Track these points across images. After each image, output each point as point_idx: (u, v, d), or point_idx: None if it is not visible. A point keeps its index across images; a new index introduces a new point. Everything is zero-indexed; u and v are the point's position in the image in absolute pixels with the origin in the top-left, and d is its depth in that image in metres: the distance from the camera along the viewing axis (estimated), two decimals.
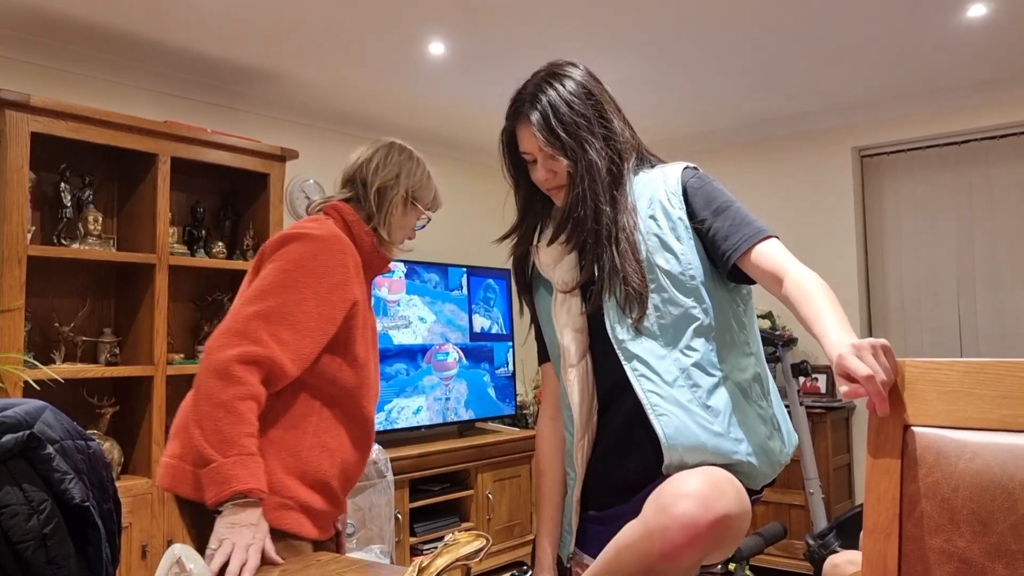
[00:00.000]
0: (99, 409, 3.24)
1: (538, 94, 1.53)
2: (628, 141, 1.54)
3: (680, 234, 1.43)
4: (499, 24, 3.29)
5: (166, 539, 3.18)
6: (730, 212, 1.43)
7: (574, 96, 1.51)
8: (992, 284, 4.28)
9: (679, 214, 1.44)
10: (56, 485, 1.24)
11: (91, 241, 3.26)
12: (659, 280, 1.42)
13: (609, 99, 1.57)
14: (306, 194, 4.34)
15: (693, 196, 1.46)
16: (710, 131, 5.01)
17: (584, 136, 1.47)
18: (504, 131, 1.58)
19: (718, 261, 1.43)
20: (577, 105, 1.50)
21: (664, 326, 1.41)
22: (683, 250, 1.42)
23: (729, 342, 1.44)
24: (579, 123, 1.48)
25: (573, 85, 1.53)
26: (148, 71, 3.68)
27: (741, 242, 1.39)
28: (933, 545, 1.05)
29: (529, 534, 4.53)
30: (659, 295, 1.41)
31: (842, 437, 4.49)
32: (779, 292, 1.34)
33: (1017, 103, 4.13)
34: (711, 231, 1.42)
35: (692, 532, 1.15)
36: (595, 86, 1.56)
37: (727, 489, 1.22)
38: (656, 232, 1.44)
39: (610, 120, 1.52)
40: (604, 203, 1.46)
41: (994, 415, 1.04)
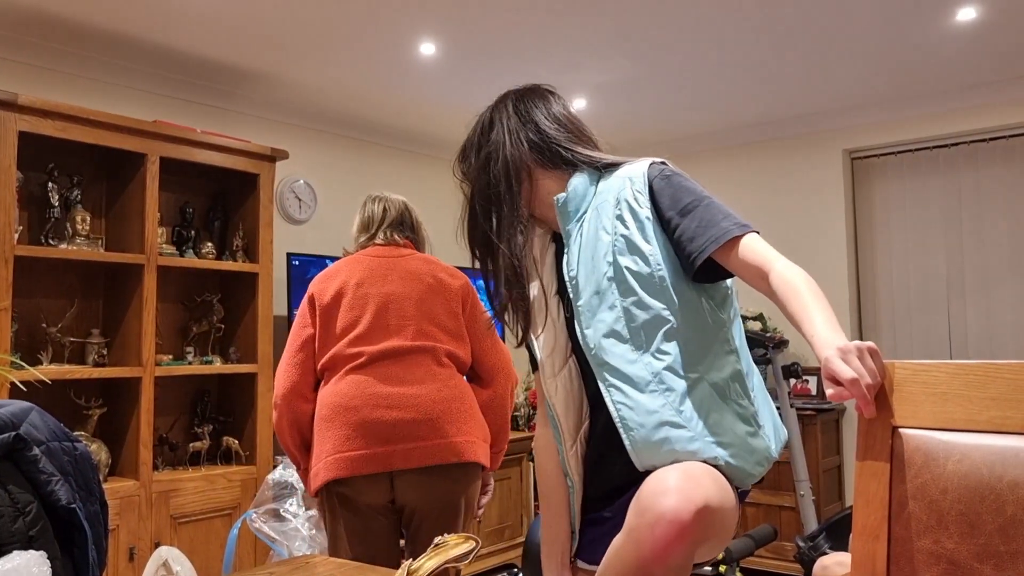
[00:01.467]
0: (86, 410, 3.22)
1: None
2: (523, 155, 1.55)
3: (648, 234, 1.40)
4: (490, 25, 3.28)
5: (153, 541, 3.16)
6: (697, 212, 1.38)
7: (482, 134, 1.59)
8: (981, 286, 4.30)
9: (647, 213, 1.41)
10: (42, 487, 1.23)
11: (79, 241, 3.24)
12: (628, 283, 1.39)
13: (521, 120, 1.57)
14: (297, 195, 4.33)
15: (659, 195, 1.42)
16: (702, 133, 5.03)
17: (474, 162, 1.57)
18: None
19: (683, 264, 1.39)
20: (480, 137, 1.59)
21: (634, 329, 1.38)
22: (652, 251, 1.39)
23: (704, 342, 1.40)
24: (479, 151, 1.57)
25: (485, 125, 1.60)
26: (137, 70, 3.67)
27: (707, 244, 1.34)
28: (922, 547, 1.05)
29: (520, 536, 4.52)
30: (628, 298, 1.39)
31: (832, 439, 4.50)
32: (764, 287, 1.31)
33: (1006, 106, 4.15)
34: (678, 233, 1.38)
35: (678, 526, 1.15)
36: (505, 112, 1.59)
37: (704, 479, 1.22)
38: (624, 233, 1.41)
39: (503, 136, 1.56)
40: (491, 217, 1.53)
41: (982, 417, 1.04)
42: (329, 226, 4.52)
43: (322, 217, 4.49)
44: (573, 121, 1.58)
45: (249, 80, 3.89)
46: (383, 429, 2.07)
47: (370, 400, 2.09)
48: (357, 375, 2.13)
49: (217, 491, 3.41)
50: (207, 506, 3.37)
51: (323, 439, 2.12)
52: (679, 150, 5.17)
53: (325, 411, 2.13)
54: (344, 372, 2.15)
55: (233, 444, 3.60)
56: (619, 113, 4.55)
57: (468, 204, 1.56)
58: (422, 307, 2.22)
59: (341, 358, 2.17)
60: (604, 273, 1.41)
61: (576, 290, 1.45)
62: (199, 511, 3.34)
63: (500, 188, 1.50)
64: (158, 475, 3.31)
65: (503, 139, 1.53)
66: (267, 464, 3.61)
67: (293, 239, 4.32)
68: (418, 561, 1.34)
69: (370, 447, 2.06)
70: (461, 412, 2.18)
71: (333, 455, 2.08)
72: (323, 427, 2.13)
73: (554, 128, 1.54)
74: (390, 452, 2.07)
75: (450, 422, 2.13)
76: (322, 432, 2.13)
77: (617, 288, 1.40)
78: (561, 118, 1.56)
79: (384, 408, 2.08)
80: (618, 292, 1.39)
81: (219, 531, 3.40)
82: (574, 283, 1.46)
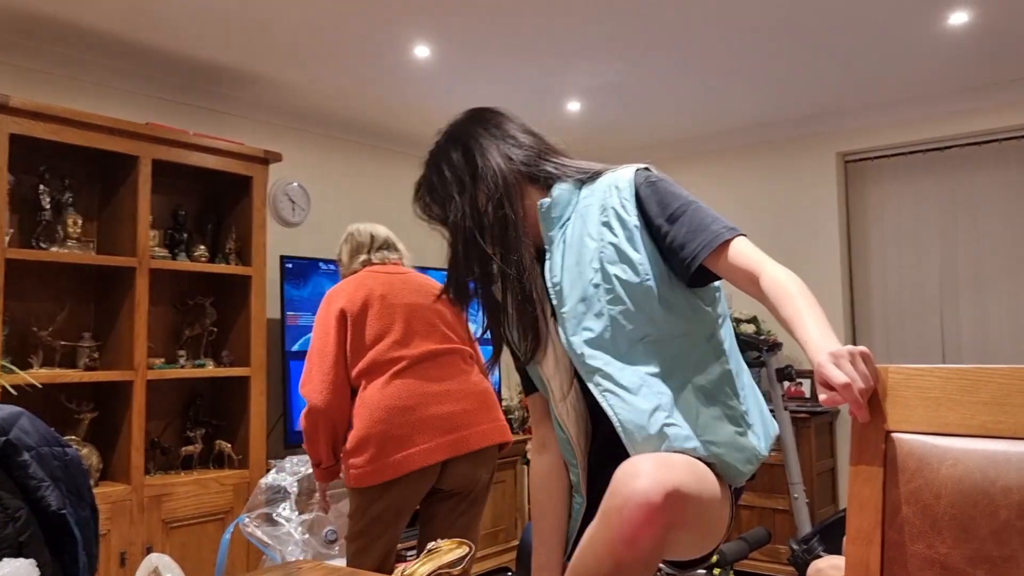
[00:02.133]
0: (77, 415, 3.21)
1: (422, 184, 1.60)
2: (511, 171, 1.50)
3: (637, 243, 1.39)
4: (484, 28, 3.28)
5: (145, 546, 3.15)
6: (686, 218, 1.37)
7: (444, 165, 1.54)
8: (974, 289, 4.31)
9: (635, 221, 1.40)
10: (32, 492, 1.22)
11: (70, 244, 3.22)
12: (616, 291, 1.38)
13: (492, 136, 1.53)
14: (290, 197, 4.32)
15: (647, 202, 1.41)
16: (695, 136, 5.03)
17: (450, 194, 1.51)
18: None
19: (678, 270, 1.38)
20: (446, 172, 1.53)
21: (621, 338, 1.38)
22: (640, 259, 1.38)
23: (691, 346, 1.40)
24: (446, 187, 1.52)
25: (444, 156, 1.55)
26: (129, 72, 3.65)
27: (699, 249, 1.34)
28: (915, 551, 1.05)
29: (514, 539, 4.51)
30: (616, 307, 1.38)
31: (826, 442, 4.51)
32: (755, 291, 1.30)
33: (999, 110, 4.17)
34: (668, 239, 1.38)
35: (646, 508, 1.14)
36: (470, 133, 1.54)
37: (678, 465, 1.22)
38: (612, 241, 1.40)
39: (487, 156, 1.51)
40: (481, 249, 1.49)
41: (975, 421, 1.04)
42: (323, 229, 4.51)
43: (316, 220, 4.48)
44: (539, 133, 1.57)
45: (242, 82, 3.88)
46: (439, 422, 2.36)
47: (422, 400, 2.36)
48: (403, 379, 2.39)
49: (210, 495, 3.39)
50: (199, 511, 3.35)
51: (382, 439, 2.33)
52: (672, 153, 5.17)
53: (379, 413, 2.35)
54: (389, 376, 2.39)
55: (226, 448, 3.59)
56: (612, 116, 4.55)
57: (455, 243, 1.50)
58: (439, 315, 2.50)
59: (381, 363, 2.40)
60: (590, 280, 1.40)
61: (560, 296, 1.44)
62: (191, 516, 3.33)
63: (502, 212, 1.45)
64: (150, 479, 3.30)
65: (492, 163, 1.48)
66: (260, 468, 3.60)
67: (286, 242, 4.31)
68: (412, 567, 1.34)
69: (434, 439, 2.34)
70: (491, 402, 2.52)
71: (404, 452, 2.31)
72: (378, 427, 2.33)
73: (532, 140, 1.53)
74: (454, 440, 2.36)
75: (486, 410, 2.45)
76: (377, 432, 2.33)
77: (605, 296, 1.39)
78: (531, 131, 1.55)
79: (436, 404, 2.37)
80: (606, 300, 1.38)
81: (212, 536, 3.39)
82: (558, 289, 1.44)
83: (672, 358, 1.38)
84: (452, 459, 2.38)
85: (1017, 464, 1.00)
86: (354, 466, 2.35)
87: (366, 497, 2.38)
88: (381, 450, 2.32)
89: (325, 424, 2.40)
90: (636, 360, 1.37)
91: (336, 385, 2.40)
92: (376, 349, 2.41)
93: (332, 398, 2.38)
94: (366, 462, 2.33)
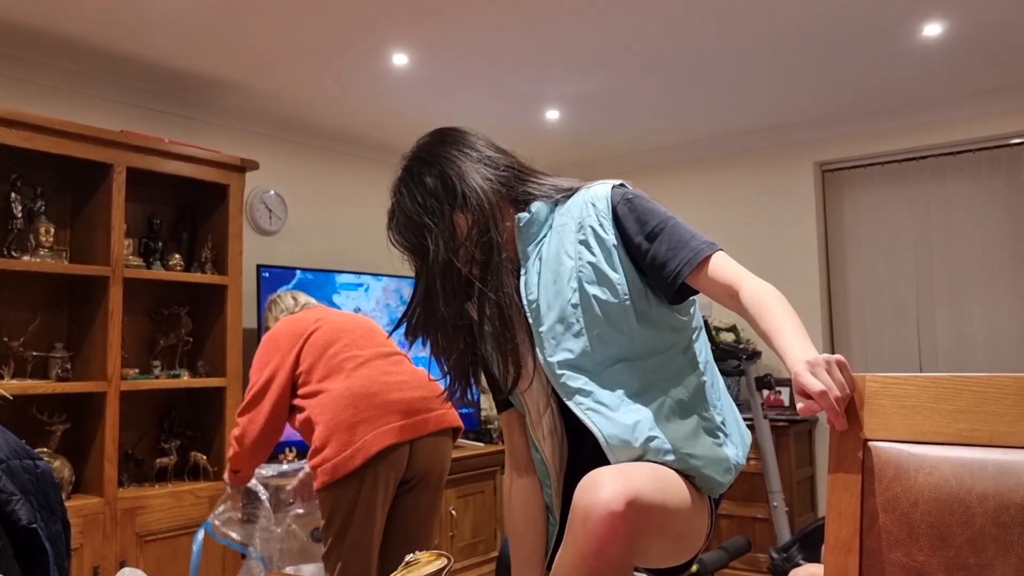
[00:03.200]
0: (49, 426, 3.15)
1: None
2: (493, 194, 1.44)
3: (615, 262, 1.38)
4: (463, 36, 3.28)
5: (118, 560, 3.10)
6: (665, 235, 1.37)
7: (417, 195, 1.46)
8: (950, 297, 4.35)
9: (613, 240, 1.39)
10: (2, 506, 1.20)
11: (43, 253, 3.18)
12: (594, 311, 1.37)
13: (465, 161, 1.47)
14: (267, 206, 4.29)
15: (625, 220, 1.39)
16: (674, 145, 5.06)
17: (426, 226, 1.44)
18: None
19: (660, 287, 1.38)
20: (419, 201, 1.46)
21: (600, 358, 1.37)
22: (619, 279, 1.37)
23: (668, 361, 1.41)
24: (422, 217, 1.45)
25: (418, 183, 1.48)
26: (104, 79, 3.62)
27: (681, 267, 1.33)
28: (893, 559, 1.05)
29: (494, 551, 4.49)
30: (595, 327, 1.37)
31: (805, 450, 4.53)
32: (735, 305, 1.31)
33: (972, 120, 4.22)
34: (648, 257, 1.37)
35: (609, 518, 1.14)
36: (446, 159, 1.48)
37: (639, 474, 1.22)
38: (591, 260, 1.39)
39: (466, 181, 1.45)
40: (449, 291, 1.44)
41: (951, 429, 1.05)
42: (300, 238, 4.49)
43: (293, 228, 4.45)
44: (510, 151, 1.54)
45: (219, 89, 3.85)
46: (402, 406, 2.49)
47: (384, 387, 2.49)
48: (363, 370, 2.53)
49: (184, 508, 3.35)
50: (174, 523, 3.31)
51: (351, 424, 2.42)
52: (650, 161, 5.19)
53: (344, 401, 2.45)
54: (349, 371, 2.52)
55: (201, 460, 3.55)
56: (590, 124, 4.56)
57: (432, 273, 1.41)
58: (377, 334, 2.71)
59: (339, 362, 2.54)
60: (568, 299, 1.39)
61: (537, 315, 1.42)
62: (166, 528, 3.28)
63: (488, 236, 1.40)
64: (123, 492, 3.25)
65: (474, 185, 1.42)
66: None
67: (263, 251, 4.27)
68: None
69: (400, 420, 2.45)
70: (440, 394, 2.60)
71: (374, 431, 2.40)
72: (346, 414, 2.43)
73: (507, 160, 1.51)
74: (415, 422, 2.49)
75: (437, 399, 2.60)
76: (346, 418, 2.43)
77: (583, 316, 1.37)
78: (503, 150, 1.53)
79: (396, 391, 2.50)
80: (584, 320, 1.37)
81: (187, 549, 3.34)
82: (534, 307, 1.42)
83: (650, 372, 1.38)
84: (417, 441, 2.50)
85: (993, 472, 1.00)
86: (326, 459, 2.39)
87: (340, 491, 2.40)
88: (352, 435, 2.40)
89: (261, 456, 2.60)
90: (615, 377, 1.37)
91: (276, 422, 2.56)
92: (329, 354, 2.55)
93: (270, 434, 2.56)
94: (337, 451, 2.39)
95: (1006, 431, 1.01)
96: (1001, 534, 0.98)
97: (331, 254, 4.65)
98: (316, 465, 2.41)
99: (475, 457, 4.40)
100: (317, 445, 2.42)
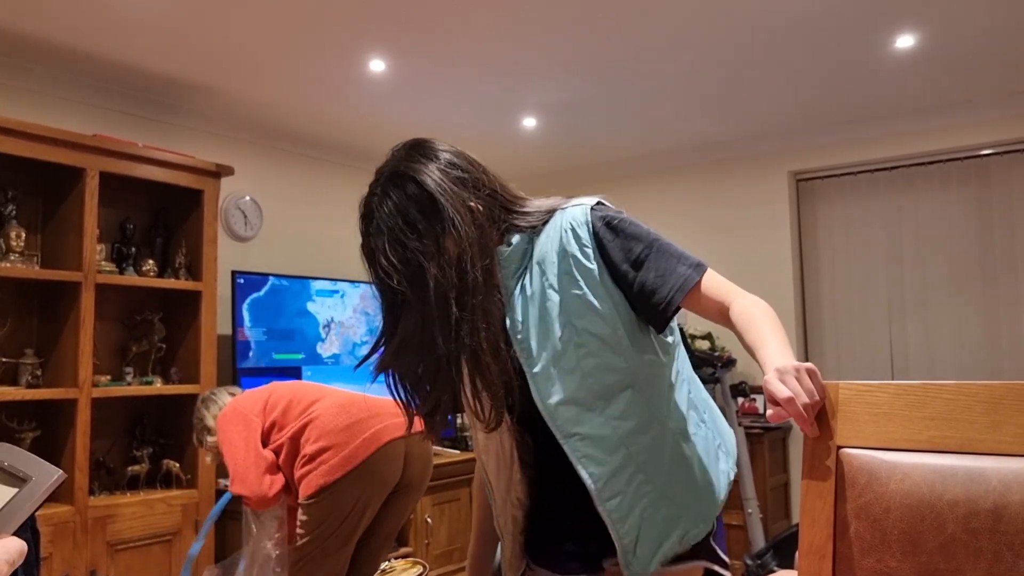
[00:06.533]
0: (19, 433, 3.11)
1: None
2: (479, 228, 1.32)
3: (601, 293, 1.32)
4: (441, 42, 3.28)
5: (89, 570, 3.05)
6: (651, 262, 1.32)
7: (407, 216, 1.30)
8: (920, 306, 4.41)
9: (597, 269, 1.32)
10: None
11: (13, 258, 3.13)
12: (587, 346, 1.32)
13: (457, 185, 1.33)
14: (242, 211, 4.26)
15: (609, 247, 1.33)
16: (650, 154, 5.08)
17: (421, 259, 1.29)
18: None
19: (649, 315, 1.34)
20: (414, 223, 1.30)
21: (596, 394, 1.32)
22: (607, 310, 1.32)
23: (660, 387, 1.37)
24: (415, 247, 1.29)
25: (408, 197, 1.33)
26: (76, 82, 3.57)
27: (672, 294, 1.30)
28: (866, 565, 1.05)
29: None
30: (589, 361, 1.32)
31: (779, 457, 4.56)
32: (724, 322, 1.30)
33: (943, 131, 4.29)
34: (636, 286, 1.32)
35: None
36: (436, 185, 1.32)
37: None
38: (577, 293, 1.32)
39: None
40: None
41: (923, 436, 1.06)
42: (275, 244, 4.45)
43: (268, 234, 4.42)
44: (492, 173, 1.42)
45: (194, 94, 3.82)
46: (392, 407, 2.40)
47: (367, 399, 2.54)
48: (339, 393, 2.59)
49: (156, 516, 3.30)
50: (146, 532, 3.26)
51: (349, 427, 2.44)
52: (626, 170, 5.22)
53: (335, 409, 2.48)
54: (328, 394, 2.58)
55: (174, 467, 3.50)
56: (568, 132, 4.57)
57: (424, 306, 1.27)
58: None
59: (322, 389, 2.62)
60: (559, 336, 1.32)
61: (528, 355, 1.35)
62: (137, 537, 3.24)
63: (487, 263, 1.31)
64: (94, 500, 3.20)
65: (463, 210, 1.30)
66: (209, 487, 3.52)
67: (238, 256, 4.24)
68: None
69: (394, 418, 2.48)
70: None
71: (376, 427, 2.44)
72: (340, 418, 2.45)
73: (493, 184, 1.39)
74: (401, 423, 2.50)
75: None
76: (341, 422, 2.45)
77: (575, 351, 1.32)
78: (486, 171, 1.40)
79: (379, 401, 2.52)
80: (577, 355, 1.32)
81: (158, 558, 3.30)
82: (524, 347, 1.35)
83: (646, 405, 1.35)
84: (410, 440, 2.53)
85: (963, 478, 1.01)
86: (323, 461, 2.39)
87: (332, 494, 2.39)
88: (351, 434, 2.42)
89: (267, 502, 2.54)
90: (614, 418, 1.33)
91: (270, 470, 2.51)
92: (298, 397, 2.57)
93: (270, 486, 2.49)
94: (335, 451, 2.40)
95: (976, 438, 1.03)
96: (971, 540, 0.99)
97: (306, 260, 4.62)
98: (313, 468, 2.39)
99: (451, 465, 4.38)
100: (312, 451, 2.40)
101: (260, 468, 2.46)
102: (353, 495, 2.40)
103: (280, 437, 2.50)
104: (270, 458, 2.49)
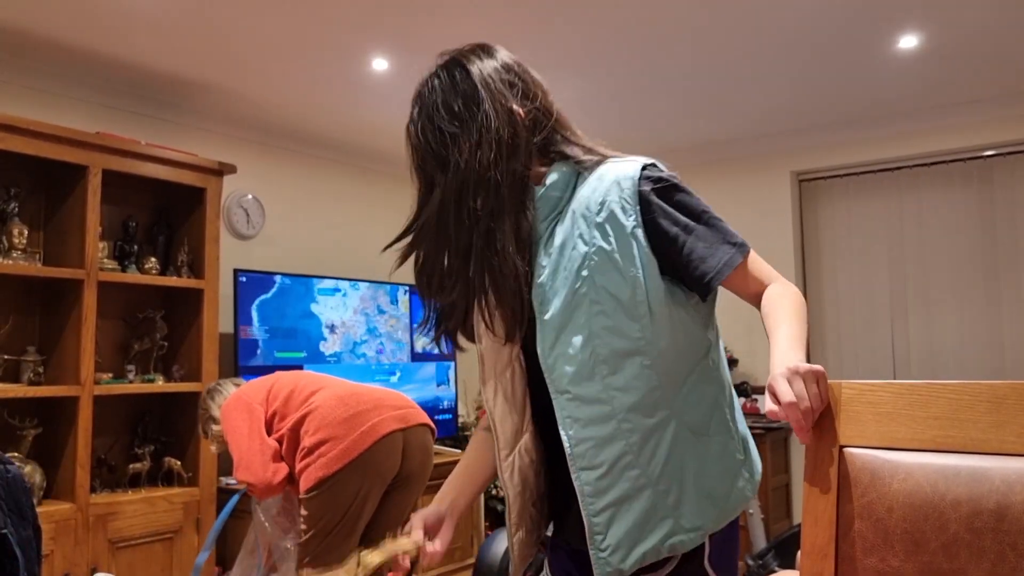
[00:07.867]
0: (20, 431, 3.11)
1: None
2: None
3: (633, 253, 1.24)
4: (443, 41, 3.27)
5: (90, 567, 3.05)
6: (702, 230, 1.28)
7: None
8: (922, 305, 4.41)
9: (633, 226, 1.25)
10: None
11: (15, 255, 3.13)
12: (602, 304, 1.24)
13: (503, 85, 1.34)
14: (245, 209, 4.26)
15: (656, 207, 1.28)
16: (652, 153, 5.04)
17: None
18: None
19: (693, 283, 1.27)
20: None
21: (602, 358, 1.24)
22: (635, 271, 1.24)
23: (684, 371, 1.27)
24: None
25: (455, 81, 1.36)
26: (79, 80, 3.57)
27: (720, 267, 1.25)
28: (868, 565, 1.05)
29: (470, 557, 4.47)
30: (601, 322, 1.24)
31: (781, 457, 4.55)
32: (759, 304, 1.28)
33: (946, 132, 4.28)
34: (685, 251, 1.26)
35: None
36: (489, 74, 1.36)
37: None
38: (605, 248, 1.25)
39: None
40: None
41: (926, 435, 1.06)
42: (277, 242, 4.46)
43: (270, 233, 4.42)
44: (550, 98, 1.39)
45: (197, 92, 3.82)
46: (391, 399, 2.58)
47: (367, 389, 2.60)
48: (340, 384, 2.61)
49: (158, 514, 3.31)
50: (147, 530, 3.27)
51: (349, 418, 2.46)
52: None
53: (334, 401, 2.50)
54: (329, 385, 2.60)
55: (175, 465, 3.51)
56: None
57: (447, 192, 1.27)
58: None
59: (314, 387, 2.60)
60: (576, 288, 1.25)
61: (543, 299, 1.28)
62: (139, 535, 3.24)
63: (518, 167, 1.28)
64: (96, 498, 3.20)
65: (495, 109, 1.30)
66: (211, 486, 3.52)
67: (240, 255, 4.24)
68: (368, 551, 1.31)
69: (394, 411, 2.53)
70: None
71: (376, 418, 2.47)
72: (339, 410, 2.47)
73: (548, 106, 1.38)
74: (404, 414, 2.57)
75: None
76: (340, 414, 2.47)
77: (589, 307, 1.25)
78: (545, 90, 1.38)
79: (379, 390, 2.61)
80: (589, 312, 1.25)
81: (160, 556, 3.30)
82: (540, 291, 1.29)
83: (657, 386, 1.25)
84: (409, 433, 2.55)
85: (966, 478, 1.01)
86: (322, 454, 2.40)
87: (331, 486, 2.39)
88: (349, 428, 2.43)
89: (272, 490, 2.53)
90: (614, 386, 1.24)
91: (275, 458, 2.51)
92: (300, 386, 2.60)
93: (275, 473, 2.49)
94: (333, 444, 2.40)
95: (979, 438, 1.02)
96: (974, 540, 0.98)
97: (309, 259, 4.62)
98: (312, 461, 2.40)
99: (452, 463, 4.37)
100: (312, 443, 2.41)
101: (265, 455, 2.47)
102: (352, 488, 2.40)
103: (282, 427, 2.51)
104: (274, 446, 2.50)
